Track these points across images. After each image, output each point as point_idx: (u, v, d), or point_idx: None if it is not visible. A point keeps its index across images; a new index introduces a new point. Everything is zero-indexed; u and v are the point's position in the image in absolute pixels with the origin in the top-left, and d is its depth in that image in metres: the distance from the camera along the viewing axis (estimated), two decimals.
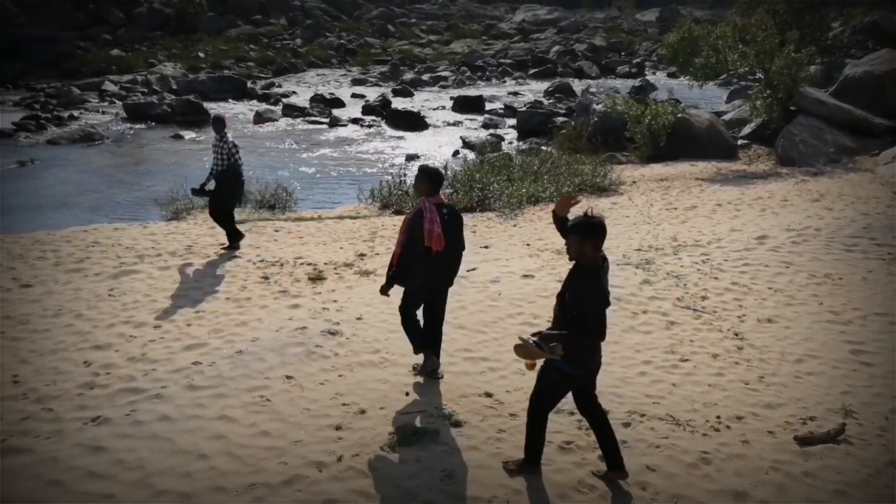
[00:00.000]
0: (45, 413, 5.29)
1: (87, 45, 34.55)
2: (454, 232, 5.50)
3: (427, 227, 5.30)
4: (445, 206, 5.52)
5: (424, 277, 5.51)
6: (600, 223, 4.03)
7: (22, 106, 24.46)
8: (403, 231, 5.43)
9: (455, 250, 5.59)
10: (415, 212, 5.44)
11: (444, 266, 5.55)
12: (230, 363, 6.07)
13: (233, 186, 9.16)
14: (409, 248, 5.37)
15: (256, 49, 36.60)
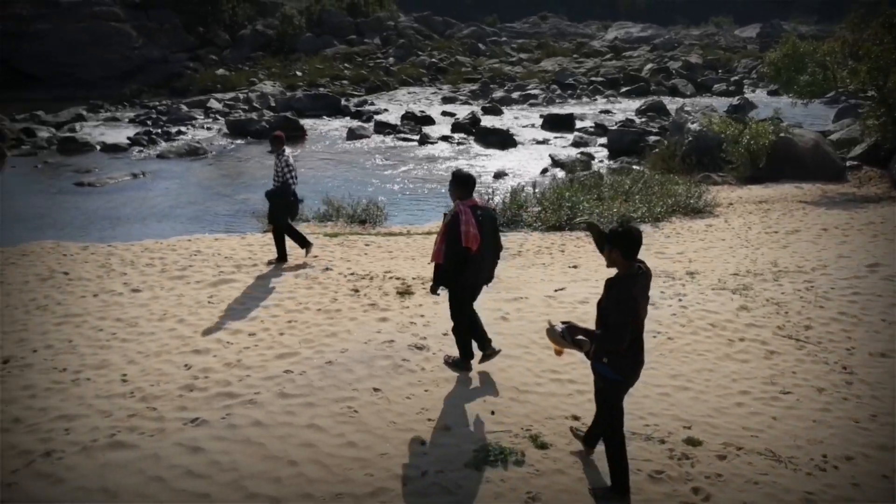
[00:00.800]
0: (149, 412, 5.58)
1: (195, 66, 36.68)
2: (490, 231, 5.75)
3: (463, 228, 5.53)
4: (480, 207, 5.75)
5: (468, 276, 5.77)
6: (627, 231, 4.13)
7: (136, 122, 26.20)
8: (442, 234, 5.71)
9: (492, 249, 5.87)
10: (451, 215, 5.66)
11: (483, 264, 5.83)
12: (320, 373, 6.22)
13: (284, 202, 9.29)
14: (450, 249, 5.63)
15: (351, 68, 37.75)
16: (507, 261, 9.81)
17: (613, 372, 4.27)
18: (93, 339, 7.07)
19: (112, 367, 6.41)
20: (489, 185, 16.33)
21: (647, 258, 9.78)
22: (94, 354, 6.69)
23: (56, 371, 6.35)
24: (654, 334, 7.16)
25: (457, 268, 5.68)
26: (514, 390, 5.92)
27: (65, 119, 26.18)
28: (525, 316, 7.57)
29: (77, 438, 5.21)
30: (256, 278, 8.89)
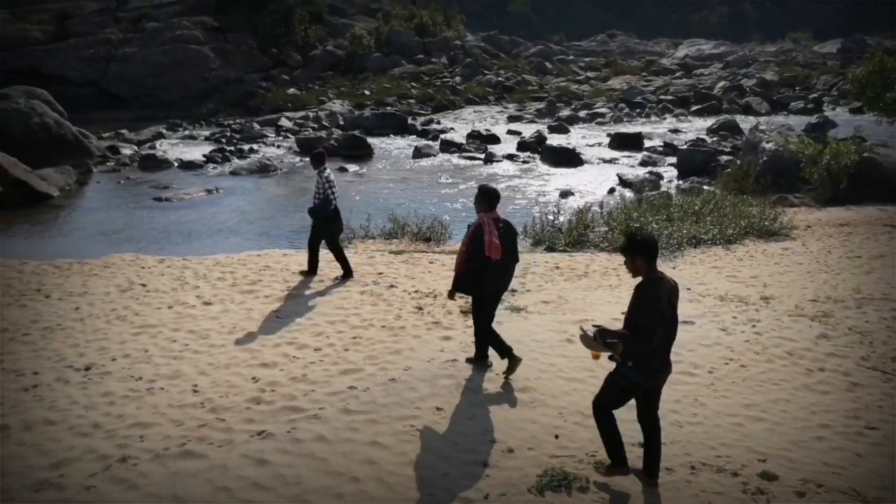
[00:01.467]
0: (218, 422, 5.72)
1: (268, 86, 37.93)
2: (510, 242, 6.18)
3: (487, 239, 5.94)
4: (501, 220, 6.18)
5: (489, 283, 6.16)
6: (645, 239, 4.52)
7: (211, 140, 27.24)
8: (466, 243, 6.12)
9: (511, 258, 6.26)
10: (475, 226, 6.08)
11: (503, 273, 6.22)
12: (383, 390, 6.25)
13: (323, 219, 9.43)
14: (473, 258, 6.04)
15: (418, 87, 38.28)
16: (572, 282, 9.67)
17: (637, 375, 4.53)
18: (167, 349, 7.32)
19: (184, 378, 6.62)
20: (554, 203, 16.17)
21: (718, 281, 9.51)
22: (168, 364, 6.92)
23: (133, 379, 6.60)
24: (725, 361, 6.91)
25: (478, 275, 6.07)
26: (580, 414, 5.80)
27: (146, 137, 27.47)
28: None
29: (150, 446, 5.38)
30: (323, 294, 9.04)
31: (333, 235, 9.60)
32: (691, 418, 5.81)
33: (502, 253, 5.99)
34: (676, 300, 4.55)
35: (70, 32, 38.59)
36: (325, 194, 9.30)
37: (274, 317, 8.21)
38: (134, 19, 40.52)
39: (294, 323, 7.99)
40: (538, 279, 9.77)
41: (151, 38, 38.24)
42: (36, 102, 22.83)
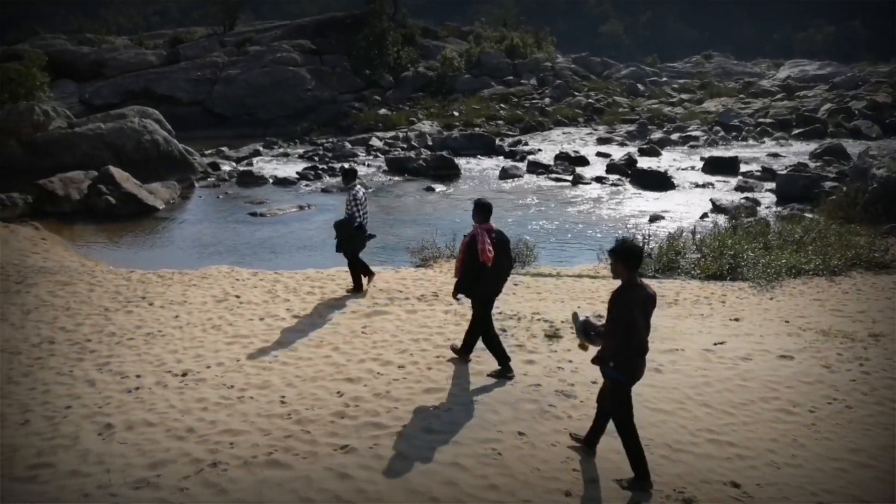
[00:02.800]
0: (303, 434, 5.85)
1: (360, 106, 39.02)
2: (502, 250, 6.81)
3: (480, 247, 6.61)
4: (494, 231, 6.84)
5: (483, 286, 6.83)
6: (630, 248, 4.87)
7: (305, 158, 28.24)
8: (463, 251, 6.82)
9: (503, 265, 6.89)
10: (471, 236, 6.77)
11: (496, 277, 6.87)
12: (465, 411, 6.22)
13: (349, 235, 9.62)
14: (469, 264, 6.72)
15: (506, 108, 38.39)
16: (662, 309, 9.36)
17: (619, 373, 4.95)
18: (257, 359, 7.57)
19: (273, 389, 6.82)
20: (643, 228, 15.77)
21: (821, 315, 8.97)
22: (258, 375, 7.16)
23: (225, 387, 6.85)
24: (828, 401, 6.50)
25: (475, 280, 6.76)
26: (667, 447, 5.58)
27: (244, 154, 28.81)
28: (680, 369, 7.16)
29: (239, 453, 5.56)
30: (407, 311, 9.14)
31: (354, 251, 9.82)
32: (790, 459, 5.48)
33: (494, 259, 6.65)
34: (652, 309, 4.95)
35: (181, 56, 41.09)
36: (350, 212, 9.56)
37: (360, 332, 8.35)
38: (238, 43, 42.72)
39: (379, 339, 8.10)
40: None
41: (253, 60, 40.17)
42: (148, 121, 24.40)
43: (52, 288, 10.49)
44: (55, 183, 18.74)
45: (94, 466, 5.42)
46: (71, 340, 8.33)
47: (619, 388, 5.02)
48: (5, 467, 5.45)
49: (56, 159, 21.35)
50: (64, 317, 9.20)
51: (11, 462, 5.53)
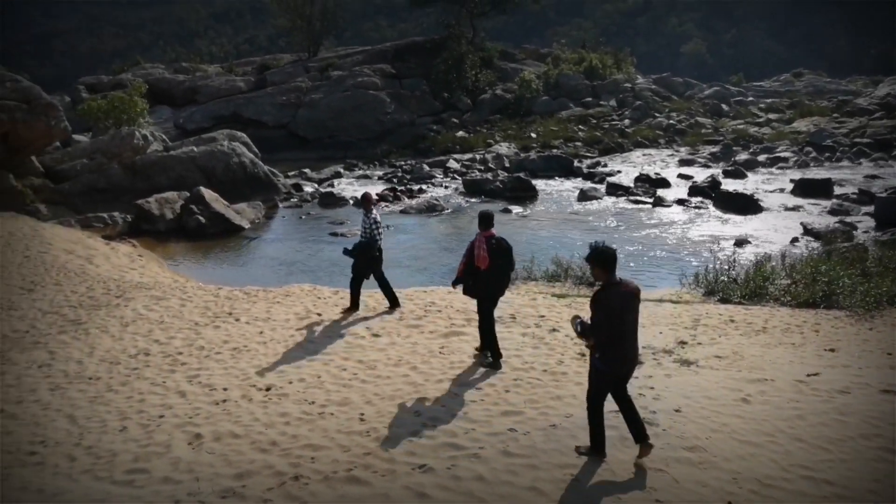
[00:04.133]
0: (382, 452, 5.92)
1: (438, 128, 39.54)
2: (500, 255, 7.61)
3: (476, 252, 7.57)
4: (494, 238, 7.66)
5: (481, 287, 7.72)
6: (601, 251, 5.40)
7: (384, 179, 28.82)
8: (466, 255, 7.80)
9: (500, 268, 7.69)
10: (471, 243, 7.74)
11: (492, 280, 7.71)
12: (543, 436, 6.14)
13: (367, 258, 9.84)
14: (468, 266, 7.74)
15: (585, 129, 38.02)
16: (749, 337, 9.01)
17: (602, 364, 5.55)
18: (337, 377, 7.73)
19: (352, 406, 6.93)
20: (729, 252, 15.22)
21: None
22: (338, 391, 7.30)
23: (306, 403, 7.03)
24: None
25: (475, 280, 7.73)
26: (757, 482, 5.33)
27: (326, 176, 29.67)
28: (770, 400, 6.84)
29: (320, 467, 5.67)
30: None
31: (364, 273, 10.05)
32: None
33: (489, 264, 7.54)
34: (635, 303, 5.53)
35: (268, 82, 42.85)
36: (371, 234, 9.79)
37: (438, 352, 8.40)
38: (321, 68, 44.20)
39: (457, 360, 8.11)
40: (710, 332, 9.20)
41: (336, 85, 41.45)
42: (236, 144, 25.54)
43: (147, 302, 11.06)
44: (151, 203, 19.84)
45: (185, 474, 5.65)
46: (164, 353, 8.75)
47: (600, 376, 5.63)
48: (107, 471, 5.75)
49: (152, 181, 22.62)
50: (158, 330, 9.68)
51: (112, 465, 5.84)
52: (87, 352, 8.89)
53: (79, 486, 5.59)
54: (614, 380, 5.65)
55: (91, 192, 22.20)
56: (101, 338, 9.43)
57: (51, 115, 22.41)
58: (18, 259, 14.21)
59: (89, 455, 6.11)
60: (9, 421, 6.89)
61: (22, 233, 16.67)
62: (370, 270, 10.07)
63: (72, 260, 14.49)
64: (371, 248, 9.84)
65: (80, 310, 10.86)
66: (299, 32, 50.47)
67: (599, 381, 5.65)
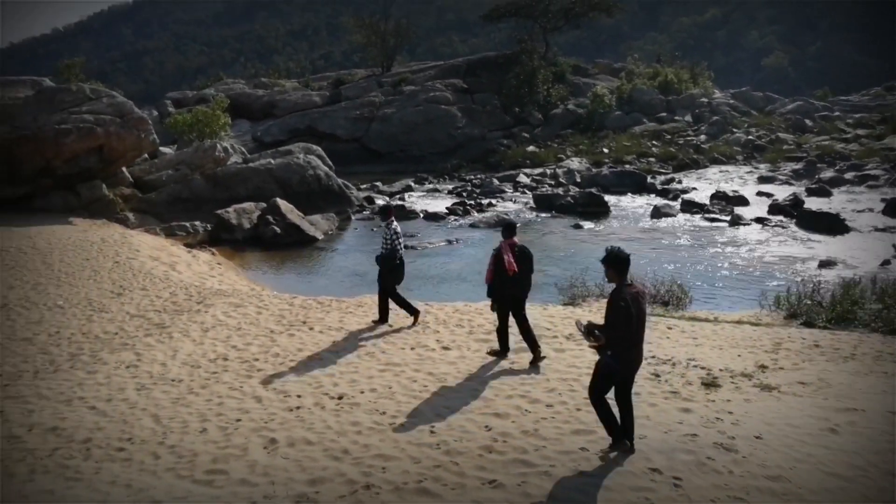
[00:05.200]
0: (452, 465, 5.93)
1: (508, 143, 39.56)
2: (524, 261, 8.31)
3: (506, 258, 8.16)
4: (517, 246, 8.36)
5: (508, 290, 8.34)
6: (616, 255, 5.86)
7: (454, 193, 29.00)
8: (492, 263, 8.34)
9: (525, 273, 8.36)
10: (498, 250, 8.31)
11: (518, 283, 8.33)
12: (617, 456, 6.00)
13: (389, 268, 10.00)
14: (497, 273, 8.27)
15: (658, 145, 37.27)
16: (836, 363, 8.58)
17: (615, 362, 5.82)
18: (408, 388, 7.79)
19: (422, 417, 6.97)
20: (813, 274, 14.57)
21: None
22: (409, 403, 7.36)
23: (377, 413, 7.11)
24: None
25: (501, 285, 8.28)
26: None
27: (397, 189, 30.12)
28: (861, 431, 6.49)
29: (391, 478, 5.73)
30: (556, 350, 9.02)
31: (387, 283, 10.16)
32: None
33: (516, 269, 8.13)
34: (644, 303, 5.90)
35: (342, 97, 43.95)
36: (392, 245, 9.99)
37: (508, 368, 8.36)
38: (394, 83, 45.01)
39: (527, 376, 8.05)
40: (793, 356, 8.81)
41: (408, 99, 42.11)
42: (311, 157, 26.26)
43: (226, 309, 11.47)
44: (230, 213, 20.61)
45: (261, 477, 5.81)
46: (241, 358, 9.04)
47: (611, 373, 5.87)
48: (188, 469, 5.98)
49: (232, 191, 23.50)
50: (236, 336, 10.02)
51: (192, 465, 6.06)
52: (171, 355, 9.28)
53: (162, 482, 5.83)
54: (622, 379, 5.96)
55: (175, 202, 23.26)
56: (183, 342, 9.83)
57: (141, 128, 23.66)
58: (109, 264, 15.00)
59: (172, 454, 6.37)
60: (99, 418, 7.26)
61: (112, 239, 17.60)
62: (394, 279, 10.20)
63: (157, 266, 15.18)
64: (392, 259, 10.04)
65: (164, 314, 11.35)
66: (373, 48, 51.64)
67: (609, 377, 5.91)
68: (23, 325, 10.93)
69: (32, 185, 22.07)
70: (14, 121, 22.11)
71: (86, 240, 17.45)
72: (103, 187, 22.59)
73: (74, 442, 6.71)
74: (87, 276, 13.97)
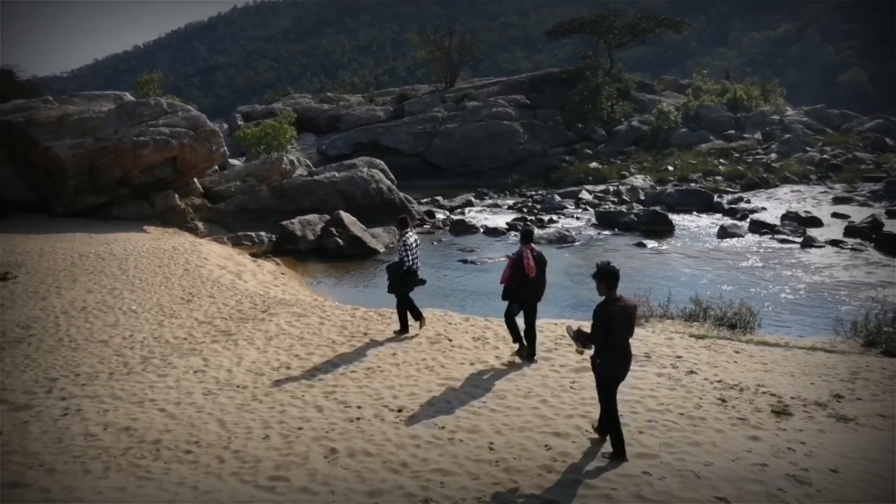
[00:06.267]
0: (511, 483, 5.88)
1: (570, 159, 39.23)
2: (540, 266, 8.98)
3: (525, 262, 8.81)
4: (534, 251, 9.00)
5: (524, 294, 9.01)
6: (606, 270, 6.21)
7: (514, 209, 28.92)
8: (510, 267, 9.05)
9: (541, 277, 9.01)
10: (517, 254, 9.00)
11: (535, 286, 9.01)
12: (681, 482, 5.85)
13: (397, 277, 10.45)
14: (516, 276, 8.91)
15: (726, 163, 36.30)
16: None
17: (603, 368, 6.31)
18: (467, 404, 7.77)
19: (481, 434, 6.94)
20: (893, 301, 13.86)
21: None
22: (468, 419, 7.34)
23: (436, 427, 7.12)
24: None
25: (518, 287, 8.96)
26: None
27: (457, 204, 30.23)
28: None
29: (449, 493, 5.71)
30: None
31: (398, 290, 10.56)
32: None
33: (535, 273, 8.83)
34: (633, 317, 6.33)
35: (405, 111, 44.51)
36: (400, 256, 10.46)
37: (568, 387, 8.25)
38: (457, 99, 45.31)
39: (587, 396, 7.91)
40: (872, 386, 8.40)
41: (470, 115, 42.31)
42: (374, 171, 26.66)
43: (289, 318, 11.71)
44: (295, 224, 21.09)
45: (321, 486, 5.89)
46: (303, 367, 9.20)
47: (603, 379, 6.37)
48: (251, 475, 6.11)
49: (297, 203, 24.06)
50: (298, 345, 10.21)
51: (256, 470, 6.19)
52: (236, 361, 9.53)
53: (227, 486, 5.97)
54: (614, 381, 6.40)
55: (242, 212, 23.96)
56: (248, 349, 10.08)
57: (213, 140, 24.53)
58: (179, 271, 15.55)
59: (236, 458, 6.52)
60: (169, 420, 7.51)
61: (183, 247, 18.24)
62: (404, 287, 10.54)
63: (224, 275, 15.65)
64: (398, 269, 10.46)
65: (230, 321, 11.68)
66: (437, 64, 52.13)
67: (605, 383, 6.38)
68: (100, 327, 11.43)
69: (111, 193, 23.14)
70: (97, 133, 23.28)
71: (158, 247, 18.15)
72: (176, 197, 23.48)
73: (145, 442, 6.95)
74: (158, 283, 14.51)
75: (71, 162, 22.36)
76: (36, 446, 6.94)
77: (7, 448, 6.93)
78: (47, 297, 13.36)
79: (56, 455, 6.72)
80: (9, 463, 6.59)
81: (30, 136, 22.93)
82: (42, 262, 16.34)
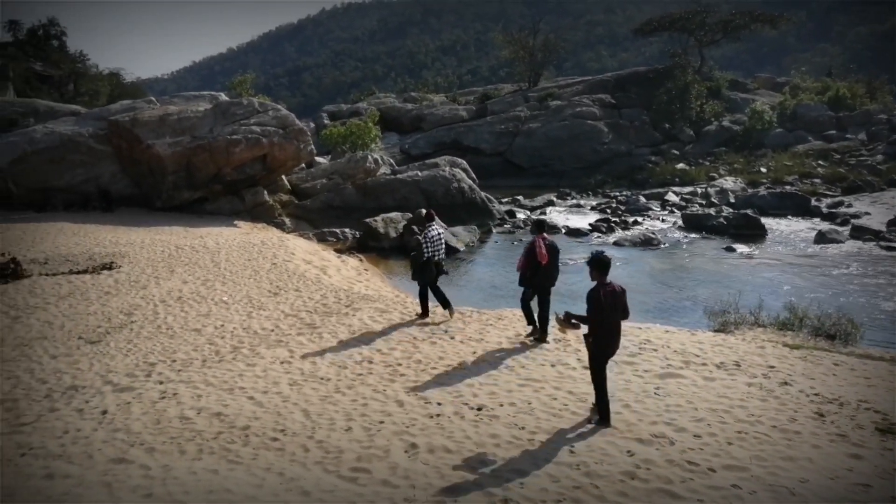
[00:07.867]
0: (591, 487, 5.79)
1: (656, 160, 38.21)
2: (553, 253, 9.61)
3: (538, 251, 9.40)
4: (547, 240, 9.60)
5: (538, 280, 9.58)
6: (598, 258, 7.00)
7: (597, 210, 28.42)
8: (525, 255, 9.59)
9: (553, 265, 9.66)
10: (531, 243, 9.56)
11: (548, 273, 9.62)
12: (773, 497, 5.63)
13: (418, 266, 11.14)
14: (530, 263, 9.51)
15: (825, 165, 34.44)
16: None
17: (595, 347, 7.00)
18: (548, 405, 7.69)
19: (561, 436, 6.85)
20: None
21: None
22: (548, 420, 7.26)
23: (516, 427, 7.08)
24: None
25: (532, 274, 9.56)
26: None
27: (538, 204, 29.99)
28: None
29: (528, 494, 5.67)
30: (704, 378, 8.54)
31: (426, 280, 11.23)
32: None
33: (548, 260, 9.44)
34: (622, 299, 6.97)
35: (488, 111, 44.53)
36: (421, 247, 11.10)
37: (652, 393, 8.03)
38: (541, 98, 44.95)
39: (672, 403, 7.69)
40: None
41: (554, 114, 41.89)
42: (456, 170, 26.78)
43: (372, 314, 11.92)
44: (378, 222, 21.47)
45: (402, 480, 5.96)
46: (385, 362, 9.35)
47: (594, 357, 7.06)
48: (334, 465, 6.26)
49: (380, 201, 24.49)
50: (380, 340, 10.38)
51: (338, 461, 6.34)
52: (320, 354, 9.78)
53: (311, 474, 6.14)
54: (604, 358, 7.06)
55: (327, 209, 24.60)
56: (332, 342, 10.33)
57: (301, 139, 25.30)
58: (267, 265, 16.11)
59: (320, 448, 6.69)
60: (257, 408, 7.80)
61: (271, 242, 18.90)
62: (426, 276, 11.14)
63: (309, 269, 16.10)
64: (419, 258, 11.12)
65: (314, 315, 12.00)
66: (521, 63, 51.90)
67: (596, 360, 7.06)
68: (194, 317, 11.99)
69: (206, 189, 24.26)
70: (194, 131, 24.45)
71: (248, 241, 18.87)
72: (265, 193, 24.37)
73: (235, 428, 7.24)
74: (248, 276, 15.09)
75: (170, 159, 23.59)
76: (137, 426, 7.36)
77: (112, 426, 7.37)
78: (147, 287, 14.13)
79: (155, 435, 7.11)
80: (114, 440, 7.01)
81: (134, 135, 24.34)
82: (143, 253, 17.30)
